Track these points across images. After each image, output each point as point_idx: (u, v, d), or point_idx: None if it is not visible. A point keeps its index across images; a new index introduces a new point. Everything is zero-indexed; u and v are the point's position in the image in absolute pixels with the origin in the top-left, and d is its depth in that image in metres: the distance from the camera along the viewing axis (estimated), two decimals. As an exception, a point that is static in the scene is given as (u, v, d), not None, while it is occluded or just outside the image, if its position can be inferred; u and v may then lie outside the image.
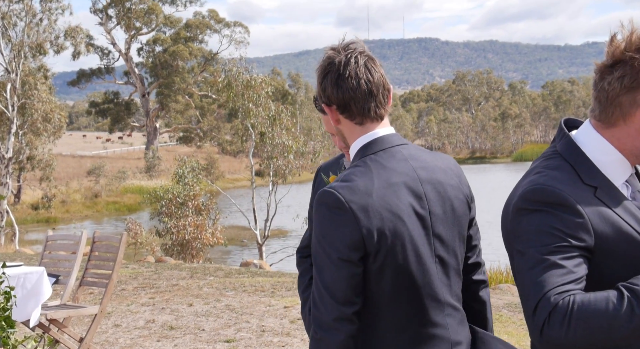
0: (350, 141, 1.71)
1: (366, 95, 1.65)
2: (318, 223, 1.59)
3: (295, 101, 56.74)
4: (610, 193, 1.37)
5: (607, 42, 1.35)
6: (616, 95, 1.34)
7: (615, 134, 1.38)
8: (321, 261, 1.59)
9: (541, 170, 1.40)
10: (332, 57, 1.68)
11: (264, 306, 6.54)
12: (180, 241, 15.80)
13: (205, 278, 8.46)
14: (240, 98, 16.51)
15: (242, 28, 52.84)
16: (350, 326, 1.58)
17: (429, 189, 1.65)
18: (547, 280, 1.27)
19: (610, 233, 1.32)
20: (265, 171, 18.55)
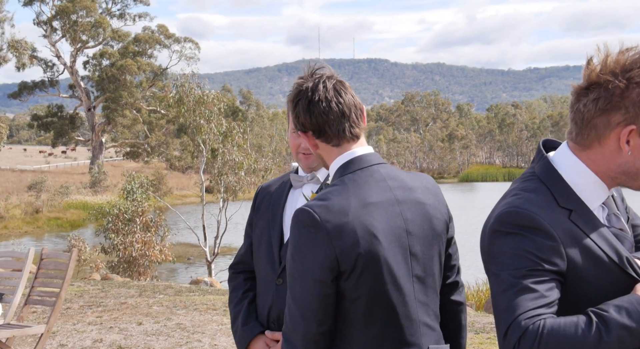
0: (329, 162, 1.72)
1: (339, 116, 1.67)
2: (293, 241, 1.60)
3: (246, 117, 56.56)
4: (585, 217, 1.36)
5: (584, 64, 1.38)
6: (591, 117, 1.35)
7: (591, 156, 1.38)
8: (293, 279, 1.59)
9: (518, 192, 1.40)
10: (301, 84, 1.70)
11: (216, 324, 6.44)
12: (127, 258, 15.41)
13: (155, 296, 8.27)
14: (191, 114, 16.35)
15: (193, 44, 52.54)
16: (317, 345, 1.59)
17: (406, 209, 1.67)
18: (518, 304, 1.27)
19: (583, 258, 1.33)
20: (214, 188, 18.36)
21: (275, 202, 2.15)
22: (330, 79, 1.70)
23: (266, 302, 2.07)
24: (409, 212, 1.66)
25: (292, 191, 2.15)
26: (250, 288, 2.16)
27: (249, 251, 2.21)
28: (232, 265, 2.26)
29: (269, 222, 2.12)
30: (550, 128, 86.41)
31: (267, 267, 2.08)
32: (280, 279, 2.03)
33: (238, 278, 2.20)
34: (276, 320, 2.04)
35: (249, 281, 2.18)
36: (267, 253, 2.09)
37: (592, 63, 1.37)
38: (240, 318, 2.11)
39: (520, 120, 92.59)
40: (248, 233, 2.23)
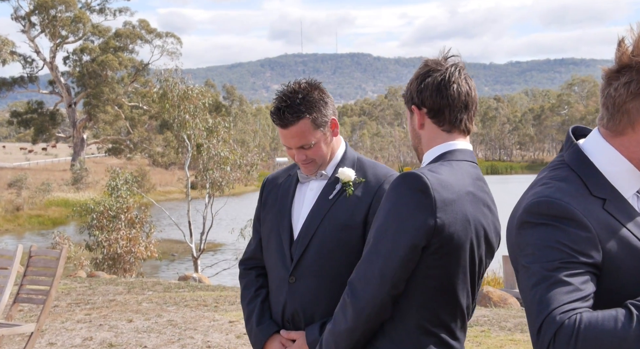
0: (429, 145, 1.72)
1: (462, 106, 1.69)
2: (393, 200, 1.59)
3: (230, 113, 56.29)
4: (619, 206, 1.30)
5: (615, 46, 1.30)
6: (623, 102, 1.28)
7: (624, 142, 1.31)
8: (383, 236, 1.58)
9: (547, 181, 1.34)
10: (435, 65, 1.71)
11: (208, 321, 6.37)
12: (111, 255, 15.27)
13: (144, 293, 8.17)
14: (176, 109, 16.19)
15: (174, 39, 52.11)
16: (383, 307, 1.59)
17: (489, 214, 1.70)
18: (552, 298, 1.22)
19: (619, 248, 1.26)
20: (199, 184, 18.24)
21: (282, 196, 2.10)
22: (463, 70, 1.72)
23: (279, 301, 2.02)
24: (490, 220, 1.69)
25: (300, 186, 2.11)
26: (262, 285, 2.12)
27: (259, 246, 2.16)
28: (242, 261, 2.21)
29: (278, 217, 2.08)
30: (532, 121, 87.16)
31: (278, 264, 2.04)
32: (293, 278, 1.99)
33: (250, 275, 2.16)
34: (290, 319, 1.99)
35: (260, 278, 2.13)
36: (277, 250, 2.05)
37: (623, 44, 1.29)
38: (255, 317, 2.07)
39: (502, 113, 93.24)
40: (256, 228, 2.18)
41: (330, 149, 2.06)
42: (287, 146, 2.04)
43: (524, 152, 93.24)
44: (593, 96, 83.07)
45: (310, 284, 1.96)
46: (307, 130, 1.99)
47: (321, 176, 2.06)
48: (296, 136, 1.99)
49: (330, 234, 1.96)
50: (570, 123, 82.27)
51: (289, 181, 2.13)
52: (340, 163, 2.05)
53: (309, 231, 1.99)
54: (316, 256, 1.96)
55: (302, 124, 1.99)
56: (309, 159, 2.02)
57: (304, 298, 1.97)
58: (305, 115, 1.98)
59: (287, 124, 1.98)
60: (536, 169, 76.76)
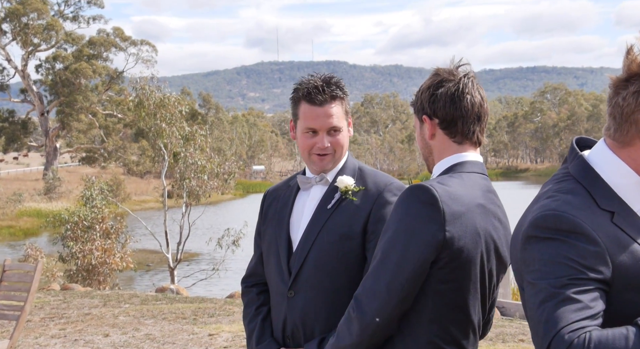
0: (440, 156, 1.69)
1: (475, 118, 1.67)
2: (402, 214, 1.55)
3: (206, 121, 56.00)
4: (628, 219, 1.26)
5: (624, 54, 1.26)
6: (632, 111, 1.24)
7: (632, 154, 1.27)
8: (392, 250, 1.54)
9: (553, 194, 1.29)
10: (448, 74, 1.68)
11: (187, 334, 6.25)
12: (86, 267, 14.99)
13: (120, 306, 8.01)
14: (152, 118, 16.01)
15: (150, 46, 51.83)
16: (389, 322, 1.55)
17: (501, 227, 1.66)
18: (560, 316, 1.17)
19: (630, 263, 1.22)
20: (175, 193, 18.03)
21: (282, 208, 2.05)
22: (475, 80, 1.70)
23: (280, 317, 1.96)
24: (501, 232, 1.66)
25: (300, 194, 2.04)
26: (263, 302, 2.05)
27: (260, 261, 2.10)
28: (243, 279, 2.16)
29: (276, 230, 2.02)
30: (506, 128, 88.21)
31: (277, 279, 1.98)
32: (292, 292, 1.93)
33: (251, 293, 2.10)
34: (291, 335, 1.93)
35: (262, 295, 2.07)
36: (276, 264, 1.99)
37: (632, 52, 1.24)
38: (255, 335, 2.00)
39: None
40: (257, 243, 2.12)
41: (346, 148, 2.02)
42: (314, 129, 1.95)
43: (499, 159, 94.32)
44: (565, 104, 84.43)
45: (310, 298, 1.91)
46: (340, 113, 1.97)
47: (322, 180, 2.00)
48: (331, 116, 1.95)
49: (328, 245, 1.91)
50: (543, 130, 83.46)
51: (289, 191, 2.07)
52: (341, 171, 2.00)
53: (307, 242, 1.93)
54: (314, 269, 1.91)
55: (337, 105, 1.97)
56: (330, 149, 1.96)
57: (304, 312, 1.91)
58: (341, 96, 1.98)
59: (324, 102, 1.94)
60: (510, 176, 77.66)
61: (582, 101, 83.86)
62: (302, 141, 1.99)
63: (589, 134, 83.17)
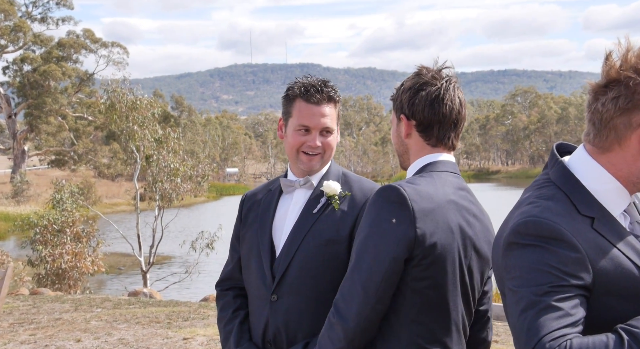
0: (415, 156, 1.72)
1: (452, 124, 1.69)
2: (373, 215, 1.57)
3: (179, 123, 55.56)
4: (608, 225, 1.26)
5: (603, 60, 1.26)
6: (610, 117, 1.24)
7: (611, 159, 1.27)
8: (364, 252, 1.55)
9: (534, 200, 1.29)
10: (431, 78, 1.69)
11: (161, 338, 6.18)
12: (55, 271, 14.75)
13: (92, 310, 7.88)
14: (124, 120, 15.84)
15: (121, 48, 51.28)
16: (370, 323, 1.55)
17: (476, 223, 1.68)
18: (541, 324, 1.17)
19: (610, 269, 1.22)
20: (147, 195, 17.86)
21: (264, 212, 2.02)
22: (457, 84, 1.72)
23: (260, 321, 1.93)
24: (478, 228, 1.67)
25: (282, 197, 2.03)
26: (240, 306, 2.03)
27: (237, 266, 2.08)
28: (218, 282, 2.13)
29: (258, 234, 2.00)
30: (478, 131, 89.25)
31: (259, 283, 1.95)
32: (275, 296, 1.91)
33: (227, 296, 2.07)
34: (272, 339, 1.91)
35: (238, 299, 2.04)
36: (258, 268, 1.96)
37: (611, 58, 1.25)
38: (232, 338, 1.97)
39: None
40: (234, 247, 2.10)
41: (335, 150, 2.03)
42: (307, 127, 1.96)
43: (471, 161, 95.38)
44: (535, 106, 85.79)
45: (293, 302, 1.89)
46: (333, 115, 1.99)
47: (307, 183, 1.99)
48: (326, 116, 1.96)
49: (314, 250, 1.89)
50: (514, 133, 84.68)
51: (270, 195, 2.05)
52: (325, 176, 2.00)
53: (292, 246, 1.92)
54: (299, 273, 1.89)
55: (332, 107, 1.99)
56: (320, 149, 1.97)
57: (287, 316, 1.89)
58: (337, 98, 2.00)
59: (321, 101, 1.96)
60: (482, 178, 78.59)
61: (551, 104, 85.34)
62: (292, 138, 1.98)
63: (558, 136, 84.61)
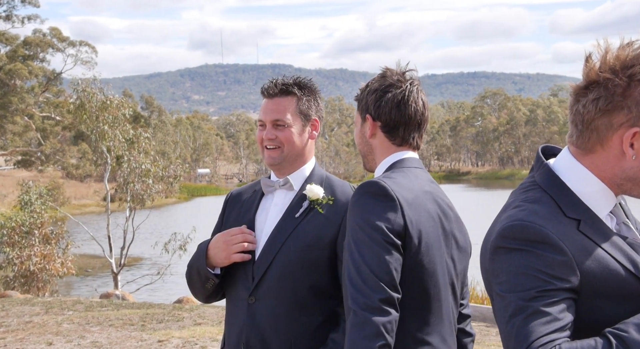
0: (381, 155, 1.76)
1: (416, 125, 1.75)
2: (359, 211, 1.58)
3: (149, 123, 54.95)
4: (594, 226, 1.27)
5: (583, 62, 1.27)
6: (592, 119, 1.25)
7: (595, 161, 1.28)
8: (364, 247, 1.54)
9: (520, 204, 1.29)
10: (396, 80, 1.74)
11: (136, 341, 6.11)
12: (23, 273, 14.47)
13: (64, 313, 7.76)
14: (94, 120, 15.62)
15: (89, 47, 50.54)
16: (396, 312, 1.52)
17: (452, 215, 1.72)
18: (530, 330, 1.18)
19: (597, 270, 1.23)
20: (117, 196, 17.63)
21: (245, 212, 2.02)
22: (420, 86, 1.77)
23: (236, 323, 1.92)
24: (452, 219, 1.72)
25: (264, 199, 2.02)
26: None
27: None
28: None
29: None
30: (448, 132, 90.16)
31: (237, 283, 1.94)
32: (253, 298, 1.90)
33: None
34: (246, 343, 1.89)
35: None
36: (237, 269, 1.95)
37: (590, 60, 1.26)
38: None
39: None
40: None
41: (301, 148, 1.99)
42: (262, 122, 1.98)
43: (442, 162, 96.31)
44: (504, 108, 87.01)
45: (271, 306, 1.88)
46: (289, 107, 1.97)
47: (286, 184, 1.98)
48: (276, 109, 1.96)
49: (294, 254, 1.88)
50: (484, 134, 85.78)
51: (254, 195, 2.05)
52: (309, 179, 1.98)
53: (272, 249, 1.90)
54: (278, 276, 1.88)
55: (287, 100, 1.97)
56: (277, 143, 1.96)
57: (264, 319, 1.88)
58: (294, 92, 1.98)
59: (274, 95, 1.97)
60: (453, 179, 79.41)
61: (520, 106, 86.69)
62: (257, 133, 2.02)
63: (527, 138, 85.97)
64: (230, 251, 1.89)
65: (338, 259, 1.86)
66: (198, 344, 5.79)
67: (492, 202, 36.90)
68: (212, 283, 1.95)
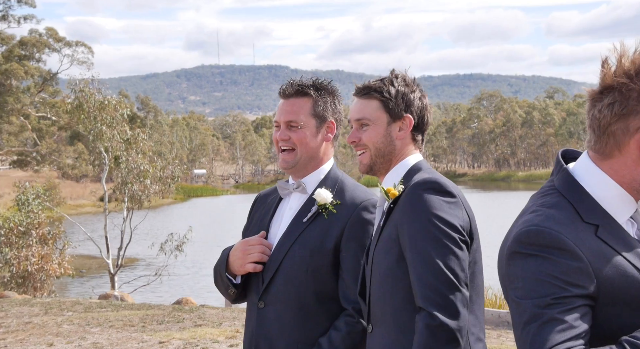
0: (400, 157, 1.77)
1: (428, 129, 1.82)
2: (427, 208, 1.57)
3: (145, 124, 54.88)
4: (613, 232, 1.26)
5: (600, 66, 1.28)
6: (608, 123, 1.25)
7: (613, 166, 1.28)
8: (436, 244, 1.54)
9: (537, 208, 1.29)
10: (412, 82, 1.81)
11: (136, 342, 6.11)
12: (21, 273, 14.44)
13: (63, 314, 7.74)
14: (92, 121, 15.60)
15: (85, 48, 50.49)
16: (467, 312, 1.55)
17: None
18: (545, 338, 1.17)
19: (615, 277, 1.22)
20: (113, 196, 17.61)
21: (264, 214, 2.04)
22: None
23: (249, 326, 1.93)
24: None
25: (282, 202, 2.03)
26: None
27: None
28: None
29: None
30: (444, 134, 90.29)
31: (252, 287, 1.96)
32: (262, 302, 1.90)
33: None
34: (255, 347, 1.90)
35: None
36: (253, 274, 1.96)
37: (607, 65, 1.26)
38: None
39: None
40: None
41: (315, 149, 1.97)
42: (277, 123, 1.98)
43: (438, 164, 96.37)
44: (500, 110, 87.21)
45: (278, 311, 1.89)
46: (304, 109, 1.96)
47: (299, 187, 1.98)
48: (291, 110, 1.96)
49: (299, 260, 1.88)
50: (480, 136, 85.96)
51: (274, 198, 2.06)
52: (323, 182, 1.97)
53: (279, 254, 1.91)
54: (284, 281, 1.89)
55: (303, 101, 1.97)
56: (290, 144, 1.95)
57: (271, 324, 1.89)
58: (310, 94, 1.98)
59: (290, 95, 1.97)
60: (449, 180, 79.41)
61: (516, 108, 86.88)
62: (273, 134, 2.02)
63: (522, 140, 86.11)
64: (245, 261, 1.89)
65: (340, 266, 1.86)
66: (199, 345, 5.78)
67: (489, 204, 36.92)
68: (232, 290, 1.96)
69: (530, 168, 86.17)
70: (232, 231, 29.37)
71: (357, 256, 1.85)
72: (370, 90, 1.78)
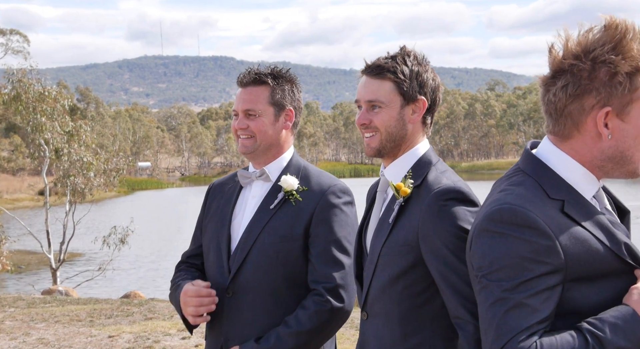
0: (412, 142, 1.69)
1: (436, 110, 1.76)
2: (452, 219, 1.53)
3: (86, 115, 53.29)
4: (578, 206, 1.28)
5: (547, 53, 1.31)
6: (564, 105, 1.28)
7: (574, 146, 1.31)
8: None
9: (505, 188, 1.31)
10: (427, 63, 1.75)
11: (85, 337, 5.99)
12: (-44, 272, 13.88)
13: (5, 310, 7.50)
14: (30, 112, 15.06)
15: (21, 36, 48.54)
16: None
17: None
18: (510, 322, 1.19)
19: (581, 253, 1.24)
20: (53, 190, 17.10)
21: (225, 204, 2.02)
22: None
23: (216, 317, 1.93)
24: None
25: (243, 190, 2.02)
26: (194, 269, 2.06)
27: (195, 252, 2.08)
28: (177, 265, 2.12)
29: (217, 227, 1.99)
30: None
31: (216, 277, 1.95)
32: (230, 291, 1.91)
33: (180, 266, 2.09)
34: (226, 336, 1.91)
35: (192, 268, 2.07)
36: (216, 262, 1.96)
37: (554, 50, 1.30)
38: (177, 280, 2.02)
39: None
40: (197, 235, 2.08)
41: (274, 138, 1.97)
42: (235, 112, 1.98)
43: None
44: (444, 102, 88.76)
45: (248, 299, 1.90)
46: (261, 97, 1.96)
47: (262, 175, 1.97)
48: (248, 99, 1.96)
49: (269, 247, 1.89)
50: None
51: (234, 187, 2.04)
52: (285, 169, 1.98)
53: (247, 242, 1.91)
54: (253, 270, 1.89)
55: (261, 89, 1.97)
56: (249, 133, 1.95)
57: (241, 312, 1.90)
58: (268, 82, 1.97)
59: (248, 84, 1.96)
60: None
61: (459, 100, 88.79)
62: (232, 123, 2.02)
63: (465, 131, 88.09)
64: (186, 312, 1.92)
65: (309, 252, 1.88)
66: (150, 338, 5.73)
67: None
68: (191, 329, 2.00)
69: (472, 159, 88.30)
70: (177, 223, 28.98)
71: (326, 240, 1.87)
72: (383, 70, 1.67)
